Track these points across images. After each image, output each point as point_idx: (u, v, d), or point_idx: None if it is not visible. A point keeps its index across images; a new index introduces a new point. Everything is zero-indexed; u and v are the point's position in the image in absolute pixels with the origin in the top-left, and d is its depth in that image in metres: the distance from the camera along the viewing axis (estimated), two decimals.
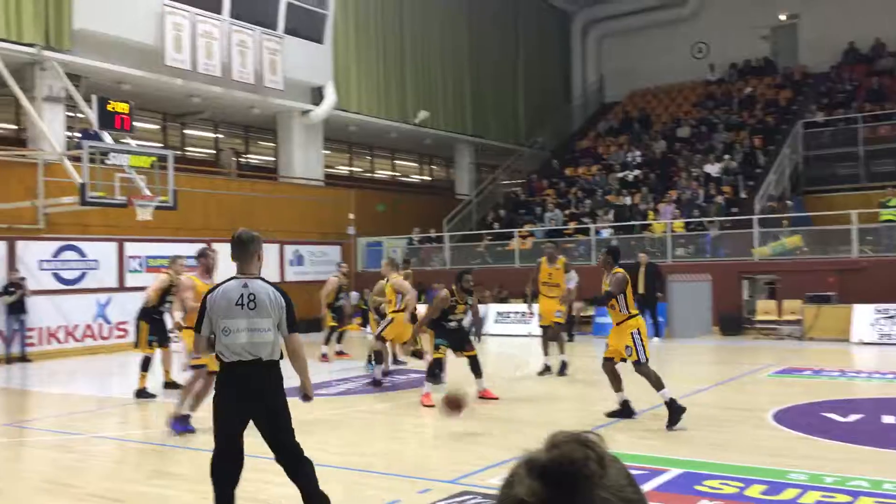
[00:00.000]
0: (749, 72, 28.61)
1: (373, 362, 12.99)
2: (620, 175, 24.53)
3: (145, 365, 11.09)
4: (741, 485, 5.93)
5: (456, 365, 10.84)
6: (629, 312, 8.60)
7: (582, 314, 18.11)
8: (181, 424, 8.29)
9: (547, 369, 12.25)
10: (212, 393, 5.29)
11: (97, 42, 17.95)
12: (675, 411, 8.15)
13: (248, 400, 4.90)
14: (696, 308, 18.30)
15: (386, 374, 11.99)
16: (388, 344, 11.96)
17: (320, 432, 8.48)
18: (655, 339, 17.20)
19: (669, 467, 6.44)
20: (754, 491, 5.77)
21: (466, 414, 7.57)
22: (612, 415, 8.69)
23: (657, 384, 8.39)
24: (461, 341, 10.16)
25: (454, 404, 7.20)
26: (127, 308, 16.28)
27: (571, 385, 11.67)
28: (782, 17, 29.29)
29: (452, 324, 10.09)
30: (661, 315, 17.76)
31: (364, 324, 22.11)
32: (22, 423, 9.88)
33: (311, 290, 19.60)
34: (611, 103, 31.79)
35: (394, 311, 11.56)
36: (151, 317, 11.29)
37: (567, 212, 23.44)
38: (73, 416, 10.14)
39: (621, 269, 8.81)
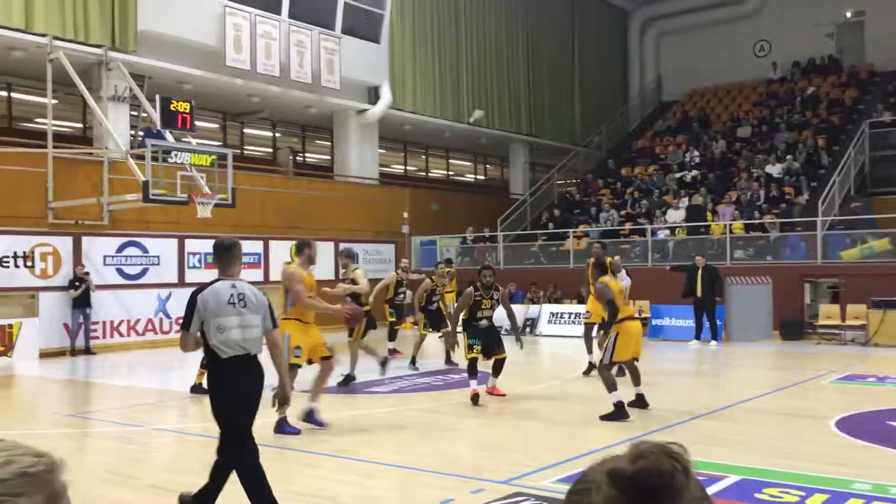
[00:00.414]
0: (813, 70, 27.91)
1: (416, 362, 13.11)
2: (678, 175, 24.15)
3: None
4: (802, 493, 5.78)
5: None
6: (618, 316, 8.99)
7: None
8: (314, 418, 8.45)
9: (591, 367, 12.13)
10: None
11: (160, 43, 18.37)
12: (617, 414, 8.52)
13: (246, 391, 5.21)
14: (756, 312, 17.92)
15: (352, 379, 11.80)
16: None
17: (375, 430, 8.54)
18: (713, 342, 16.91)
19: (728, 474, 6.32)
20: (816, 500, 5.62)
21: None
22: (605, 417, 8.65)
23: (610, 387, 8.72)
24: (493, 342, 10.06)
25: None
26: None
27: (623, 386, 11.53)
28: (848, 14, 28.49)
29: (483, 322, 10.09)
30: (719, 318, 17.44)
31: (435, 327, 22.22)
32: (86, 414, 10.16)
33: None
34: (669, 102, 31.33)
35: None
36: None
37: (623, 212, 23.17)
38: (134, 408, 10.39)
39: (606, 277, 9.25)
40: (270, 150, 25.86)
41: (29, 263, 16.05)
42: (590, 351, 12.38)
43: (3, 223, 15.94)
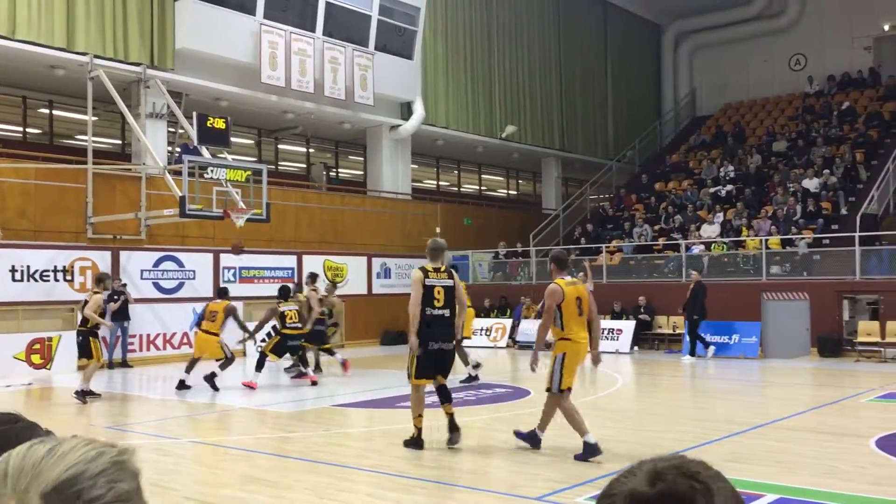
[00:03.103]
0: (850, 84, 27.56)
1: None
2: (712, 190, 23.94)
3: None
4: None
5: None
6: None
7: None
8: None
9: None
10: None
11: (197, 60, 18.68)
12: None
13: None
14: (793, 328, 17.66)
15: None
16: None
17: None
18: (687, 357, 17.18)
19: (765, 492, 6.22)
20: None
21: None
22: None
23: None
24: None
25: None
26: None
27: (661, 400, 11.41)
28: (886, 28, 28.13)
29: None
30: (751, 334, 17.26)
31: None
32: (123, 426, 10.29)
33: (398, 303, 19.78)
34: (703, 117, 31.11)
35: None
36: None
37: (656, 227, 23.01)
38: (170, 420, 10.51)
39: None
40: (304, 165, 26.11)
41: (68, 277, 16.33)
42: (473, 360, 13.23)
43: (44, 237, 16.27)
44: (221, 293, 13.83)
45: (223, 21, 18.74)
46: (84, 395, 11.66)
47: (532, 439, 8.08)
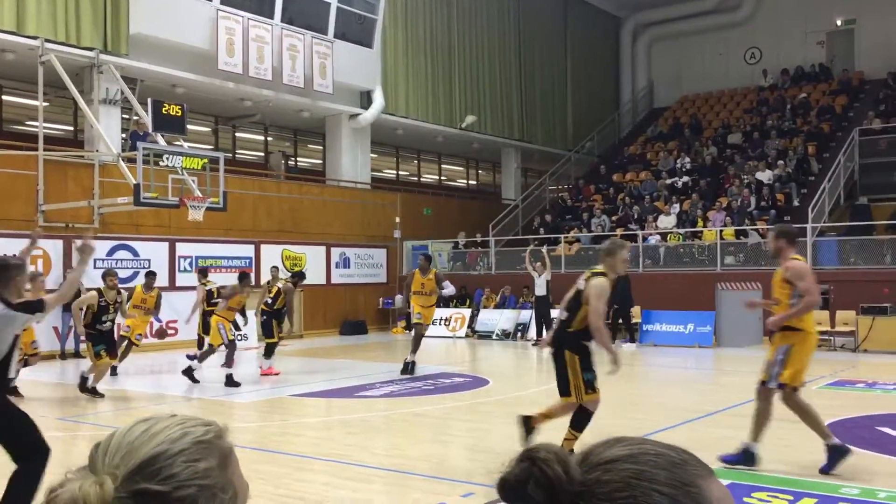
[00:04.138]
0: (803, 77, 28.08)
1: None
2: (669, 181, 24.25)
3: None
4: (790, 498, 5.81)
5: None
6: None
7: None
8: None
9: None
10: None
11: (152, 46, 18.35)
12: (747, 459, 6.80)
13: None
14: (746, 317, 17.99)
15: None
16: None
17: (367, 434, 8.54)
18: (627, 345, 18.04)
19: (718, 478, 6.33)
20: None
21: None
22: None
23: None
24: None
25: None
26: (177, 307, 16.60)
27: (616, 389, 11.56)
28: (838, 22, 28.68)
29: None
30: (709, 323, 17.59)
31: (408, 327, 22.25)
32: (76, 417, 10.12)
33: (357, 293, 19.92)
34: (660, 109, 31.46)
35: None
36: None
37: (614, 218, 23.24)
38: (126, 411, 10.36)
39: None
40: (262, 154, 25.85)
41: None
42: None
43: None
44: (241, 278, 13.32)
45: (179, 6, 18.42)
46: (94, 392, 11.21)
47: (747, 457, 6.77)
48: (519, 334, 20.10)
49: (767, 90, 28.19)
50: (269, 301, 13.62)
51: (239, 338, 12.41)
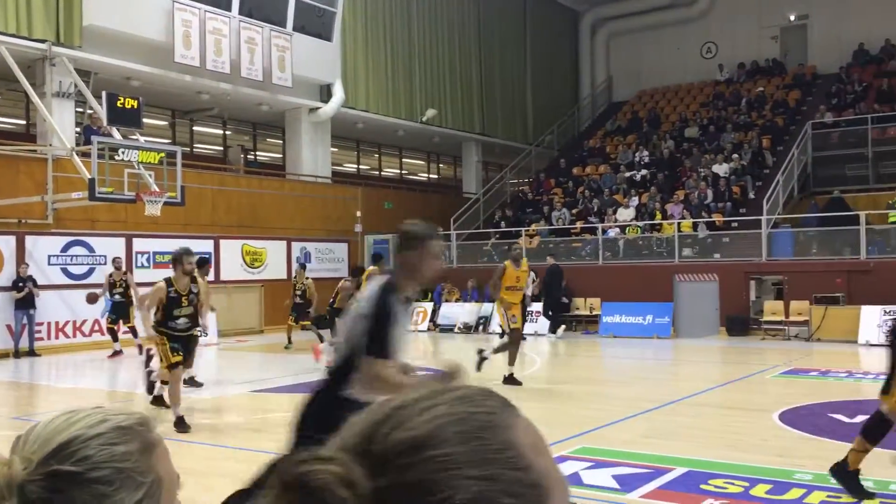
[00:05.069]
0: (758, 72, 28.54)
1: None
2: (628, 175, 24.50)
3: None
4: (746, 484, 5.93)
5: None
6: None
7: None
8: None
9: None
10: None
11: (107, 38, 18.02)
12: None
13: None
14: (704, 308, 18.30)
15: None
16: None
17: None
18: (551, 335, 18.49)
19: (675, 466, 6.45)
20: (759, 490, 5.77)
21: None
22: None
23: None
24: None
25: None
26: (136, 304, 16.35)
27: (577, 380, 11.68)
28: (792, 18, 29.19)
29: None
30: (666, 315, 17.88)
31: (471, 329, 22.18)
32: (31, 415, 9.94)
33: (319, 288, 19.63)
34: (619, 103, 31.74)
35: None
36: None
37: (574, 211, 23.43)
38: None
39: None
40: (221, 148, 25.56)
41: None
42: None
43: None
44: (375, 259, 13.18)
45: None
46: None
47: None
48: (480, 327, 20.18)
49: (723, 84, 28.61)
50: (332, 300, 13.97)
51: (199, 333, 12.08)
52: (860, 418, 8.49)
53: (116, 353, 15.43)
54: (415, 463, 0.65)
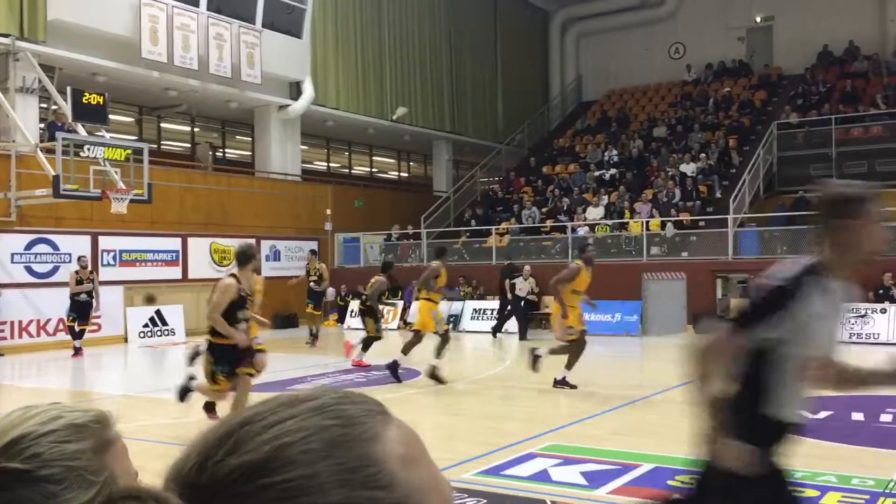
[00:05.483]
0: (725, 73, 28.88)
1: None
2: (597, 174, 24.67)
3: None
4: None
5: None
6: None
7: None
8: None
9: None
10: None
11: (72, 33, 17.75)
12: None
13: None
14: (671, 306, 18.48)
15: None
16: None
17: None
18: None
19: (642, 462, 6.51)
20: None
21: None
22: None
23: None
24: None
25: None
26: (102, 301, 16.13)
27: (546, 377, 11.73)
28: (758, 19, 29.58)
29: None
30: (636, 313, 18.03)
31: (340, 320, 22.12)
32: None
33: (288, 286, 19.52)
34: (588, 102, 31.95)
35: None
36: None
37: (544, 209, 23.54)
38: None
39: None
40: (189, 145, 25.30)
41: None
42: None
43: None
44: (439, 253, 12.83)
45: None
46: None
47: None
48: (451, 325, 20.17)
49: (691, 85, 28.92)
50: (364, 297, 13.84)
51: (166, 333, 11.81)
52: (823, 414, 8.64)
53: (78, 352, 15.21)
54: (248, 494, 0.56)
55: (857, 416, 8.50)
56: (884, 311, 16.10)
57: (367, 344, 13.34)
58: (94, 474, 0.94)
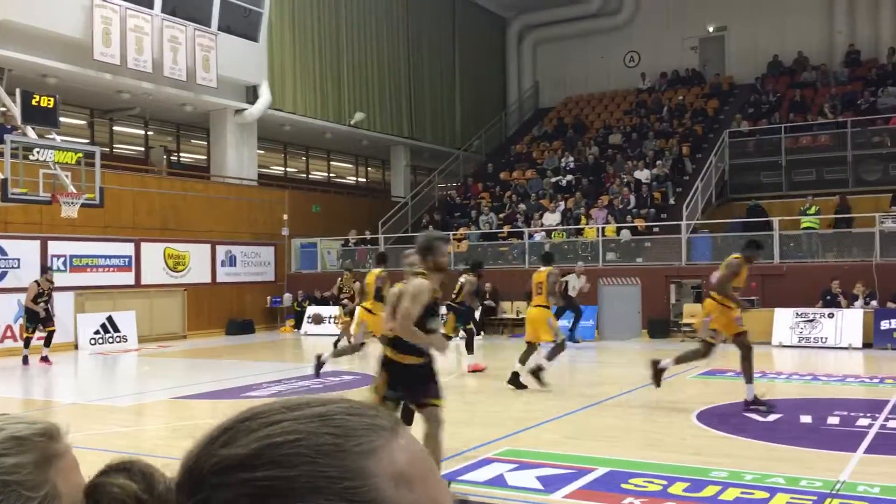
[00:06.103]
0: (678, 81, 29.36)
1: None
2: (554, 180, 24.88)
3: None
4: (665, 482, 6.10)
5: None
6: None
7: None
8: None
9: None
10: None
11: (22, 34, 17.38)
12: None
13: None
14: (627, 311, 18.71)
15: None
16: None
17: None
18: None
19: (597, 466, 6.59)
20: (677, 489, 5.94)
21: None
22: None
23: None
24: None
25: None
26: (53, 306, 15.80)
27: (503, 382, 11.79)
28: (710, 29, 30.14)
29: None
30: (590, 318, 18.18)
31: (297, 326, 21.95)
32: None
33: (244, 292, 19.48)
34: (545, 109, 32.22)
35: None
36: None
37: (501, 215, 23.66)
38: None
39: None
40: (143, 148, 24.92)
41: None
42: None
43: None
44: (547, 259, 12.38)
45: None
46: None
47: None
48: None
49: (645, 93, 29.33)
50: (454, 296, 13.66)
51: (118, 339, 11.69)
52: (772, 417, 8.83)
53: (27, 361, 14.85)
54: (225, 485, 0.57)
55: (805, 419, 8.70)
56: (831, 315, 16.50)
57: (469, 346, 13.82)
58: (32, 489, 0.90)
